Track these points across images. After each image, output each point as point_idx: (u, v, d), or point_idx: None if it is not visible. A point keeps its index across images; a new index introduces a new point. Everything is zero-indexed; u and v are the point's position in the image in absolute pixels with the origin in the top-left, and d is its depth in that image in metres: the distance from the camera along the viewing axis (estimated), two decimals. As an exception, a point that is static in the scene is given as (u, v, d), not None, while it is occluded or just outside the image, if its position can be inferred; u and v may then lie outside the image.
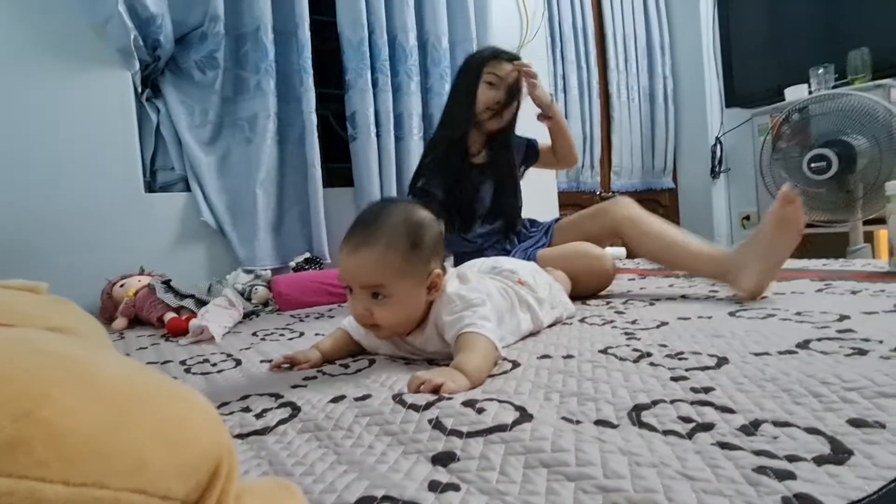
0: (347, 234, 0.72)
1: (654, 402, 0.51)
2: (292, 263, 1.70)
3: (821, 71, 2.28)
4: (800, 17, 2.52)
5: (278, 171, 1.82)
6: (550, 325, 0.95)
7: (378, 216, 0.72)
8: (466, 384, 0.60)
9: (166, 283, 1.39)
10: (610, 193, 2.90)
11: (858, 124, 1.98)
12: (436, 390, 0.56)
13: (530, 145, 1.60)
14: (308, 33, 1.78)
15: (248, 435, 0.52)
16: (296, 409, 0.57)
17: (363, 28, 1.85)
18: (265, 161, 1.77)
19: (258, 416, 0.57)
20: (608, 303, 1.17)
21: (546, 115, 1.50)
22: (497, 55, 1.43)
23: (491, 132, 1.44)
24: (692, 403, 0.50)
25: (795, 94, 2.31)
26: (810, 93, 2.29)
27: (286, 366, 0.78)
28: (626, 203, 1.32)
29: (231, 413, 0.59)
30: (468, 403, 0.51)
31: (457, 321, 0.71)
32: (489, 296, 0.78)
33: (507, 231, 1.47)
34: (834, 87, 2.26)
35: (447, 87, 2.06)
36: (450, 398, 0.53)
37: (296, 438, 0.49)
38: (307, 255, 1.73)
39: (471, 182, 1.44)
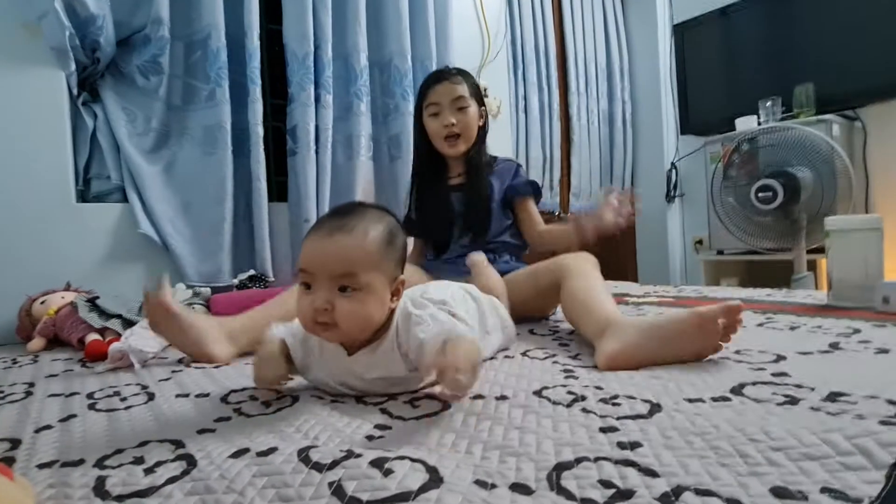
0: (319, 222, 0.70)
1: (578, 461, 0.48)
2: (235, 281, 1.62)
3: (769, 104, 2.37)
4: (750, 51, 2.62)
5: (231, 183, 1.74)
6: (491, 358, 0.92)
7: (355, 209, 0.71)
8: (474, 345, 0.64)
9: (91, 301, 1.29)
10: (569, 214, 2.92)
11: (803, 157, 2.05)
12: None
13: (520, 184, 1.47)
14: (257, 42, 1.72)
15: (128, 496, 0.46)
16: (191, 464, 0.51)
17: (309, 42, 1.80)
18: (217, 173, 1.70)
19: (148, 470, 0.51)
20: (555, 332, 1.14)
21: None
22: (431, 81, 1.44)
23: (459, 156, 1.45)
24: (616, 463, 0.47)
25: (746, 124, 2.39)
26: (759, 124, 2.37)
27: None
28: (583, 257, 1.15)
29: (120, 465, 0.53)
30: (377, 463, 0.47)
31: (437, 339, 0.66)
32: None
33: (475, 245, 1.38)
34: (781, 119, 2.35)
35: (410, 107, 2.03)
36: (359, 455, 0.49)
37: (180, 503, 0.44)
38: (252, 272, 1.66)
39: (444, 201, 1.44)
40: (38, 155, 1.48)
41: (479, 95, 1.47)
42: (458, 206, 1.44)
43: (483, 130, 1.49)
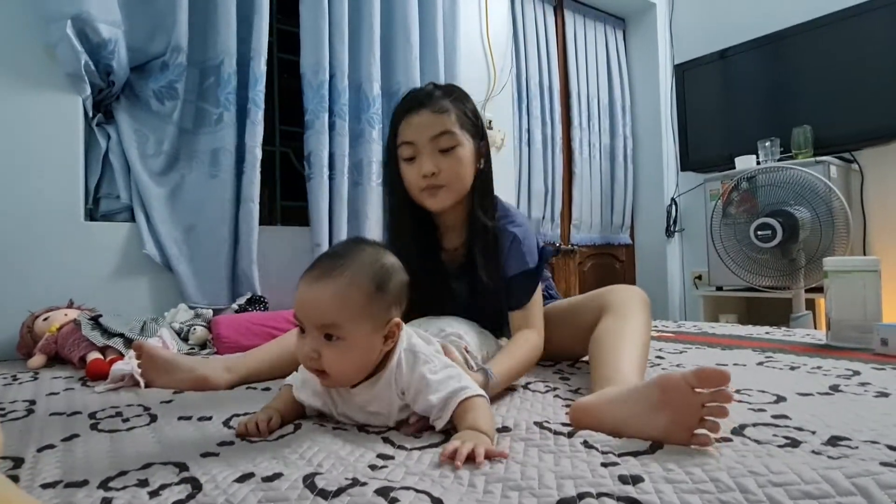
0: (310, 266, 0.69)
1: (580, 496, 0.48)
2: (235, 306, 1.63)
3: (767, 144, 2.42)
4: (749, 93, 2.68)
5: (232, 206, 1.77)
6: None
7: (347, 251, 0.70)
8: (489, 442, 0.60)
9: (94, 319, 1.30)
10: (569, 246, 2.94)
11: (801, 197, 2.08)
12: (471, 458, 0.56)
13: (517, 289, 1.00)
14: (263, 67, 1.77)
15: (133, 519, 0.46)
16: (196, 488, 0.51)
17: (324, 71, 1.86)
18: (220, 195, 1.73)
19: (153, 493, 0.51)
20: (555, 364, 1.15)
21: None
22: (404, 109, 0.99)
23: (448, 212, 1.02)
24: (618, 500, 0.47)
25: (745, 163, 2.43)
26: (758, 163, 2.41)
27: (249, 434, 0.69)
28: (632, 292, 1.01)
29: (124, 487, 0.53)
30: (382, 492, 0.47)
31: (444, 384, 0.68)
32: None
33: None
34: (779, 159, 2.39)
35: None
36: (364, 483, 0.49)
37: (185, 528, 0.44)
38: (250, 295, 1.67)
39: (444, 290, 1.04)
40: (50, 173, 1.51)
41: (475, 126, 1.02)
42: (460, 293, 1.05)
43: (484, 174, 1.03)
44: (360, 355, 0.68)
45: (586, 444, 0.62)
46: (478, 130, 1.02)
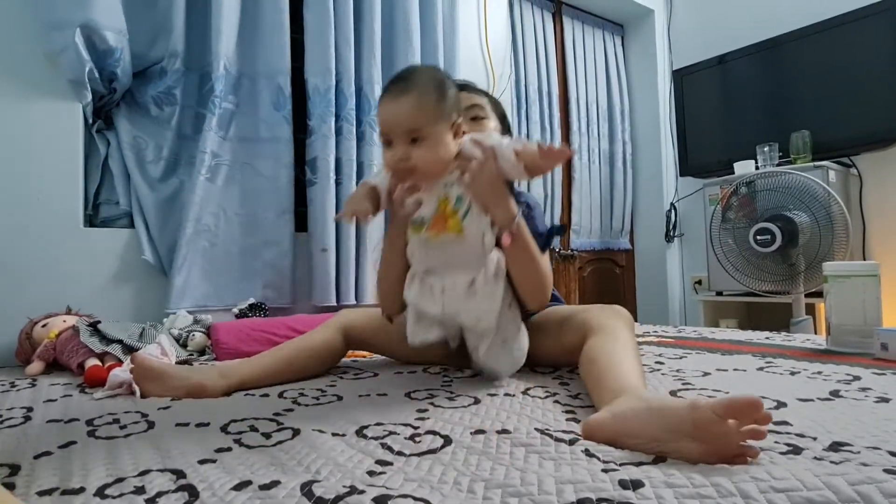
0: (384, 92, 0.87)
1: (580, 502, 0.48)
2: (235, 310, 1.63)
3: (766, 149, 2.42)
4: (748, 98, 2.69)
5: (228, 212, 1.76)
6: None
7: (409, 74, 0.88)
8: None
9: (93, 325, 1.30)
10: (569, 251, 2.95)
11: (800, 202, 2.08)
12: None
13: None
14: (289, 86, 1.81)
15: (129, 527, 0.46)
16: (193, 496, 0.51)
17: (331, 76, 1.88)
18: (215, 202, 1.72)
19: (150, 501, 0.51)
20: (555, 370, 1.14)
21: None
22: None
23: None
24: (619, 506, 0.47)
25: (744, 168, 2.44)
26: (757, 168, 2.42)
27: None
28: (614, 311, 1.00)
29: (121, 495, 0.52)
30: (380, 500, 0.47)
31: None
32: None
33: None
34: (778, 164, 2.40)
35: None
36: (362, 491, 0.49)
37: (182, 536, 0.44)
38: (251, 301, 1.66)
39: None
40: (50, 180, 1.51)
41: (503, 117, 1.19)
42: None
43: None
44: (442, 150, 0.85)
45: (588, 452, 0.62)
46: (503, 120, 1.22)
